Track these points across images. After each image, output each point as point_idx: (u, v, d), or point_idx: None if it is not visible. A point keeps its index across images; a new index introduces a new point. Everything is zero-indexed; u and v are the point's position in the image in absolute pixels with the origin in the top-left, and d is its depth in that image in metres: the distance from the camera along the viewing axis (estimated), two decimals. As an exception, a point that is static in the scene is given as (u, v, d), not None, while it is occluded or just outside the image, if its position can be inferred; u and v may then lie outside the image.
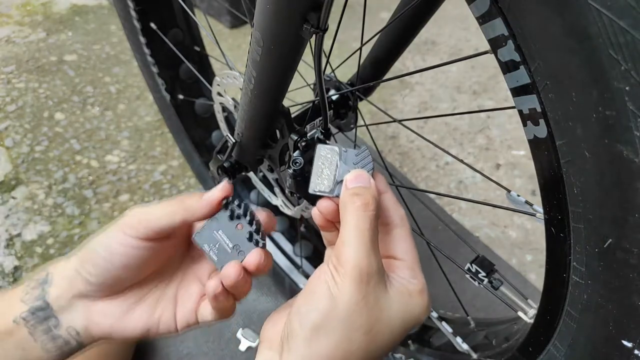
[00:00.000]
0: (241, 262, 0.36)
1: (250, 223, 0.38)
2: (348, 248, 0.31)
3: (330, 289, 0.30)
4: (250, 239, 0.38)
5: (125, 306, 0.39)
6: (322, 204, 0.35)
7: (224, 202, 0.38)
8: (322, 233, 0.38)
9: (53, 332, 0.38)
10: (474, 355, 0.52)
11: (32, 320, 0.37)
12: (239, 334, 0.85)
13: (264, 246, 0.38)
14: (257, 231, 0.38)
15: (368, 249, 0.31)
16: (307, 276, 0.86)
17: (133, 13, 0.72)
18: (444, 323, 0.55)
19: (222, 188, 0.38)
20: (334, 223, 0.37)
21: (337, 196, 0.35)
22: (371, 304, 0.30)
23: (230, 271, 0.35)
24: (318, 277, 0.32)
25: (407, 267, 0.34)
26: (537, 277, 0.98)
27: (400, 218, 0.36)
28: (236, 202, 0.39)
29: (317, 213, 0.36)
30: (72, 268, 0.38)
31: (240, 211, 0.38)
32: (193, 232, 0.40)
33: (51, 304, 0.38)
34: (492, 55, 0.26)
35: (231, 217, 0.38)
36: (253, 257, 0.37)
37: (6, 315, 0.38)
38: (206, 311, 0.39)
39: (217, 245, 0.38)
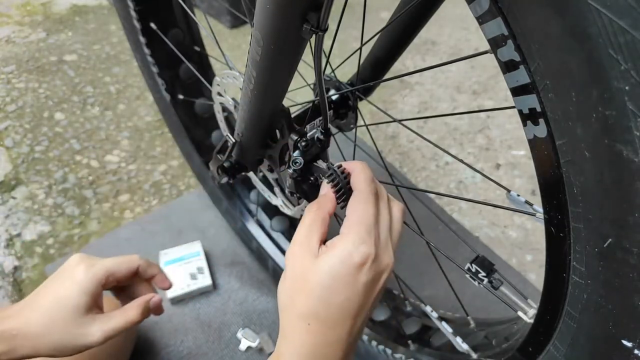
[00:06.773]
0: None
1: None
2: None
3: None
4: None
5: None
6: None
7: None
8: None
9: None
10: (474, 355, 0.52)
11: None
12: (239, 334, 0.86)
13: None
14: None
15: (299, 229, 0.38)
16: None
17: (133, 13, 0.72)
18: (444, 323, 0.55)
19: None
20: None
21: None
22: (301, 269, 0.36)
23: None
24: None
25: (344, 229, 0.36)
26: (537, 277, 0.98)
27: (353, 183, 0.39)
28: None
29: None
30: None
31: None
32: None
33: None
34: (492, 55, 0.26)
35: None
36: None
37: None
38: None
39: None
